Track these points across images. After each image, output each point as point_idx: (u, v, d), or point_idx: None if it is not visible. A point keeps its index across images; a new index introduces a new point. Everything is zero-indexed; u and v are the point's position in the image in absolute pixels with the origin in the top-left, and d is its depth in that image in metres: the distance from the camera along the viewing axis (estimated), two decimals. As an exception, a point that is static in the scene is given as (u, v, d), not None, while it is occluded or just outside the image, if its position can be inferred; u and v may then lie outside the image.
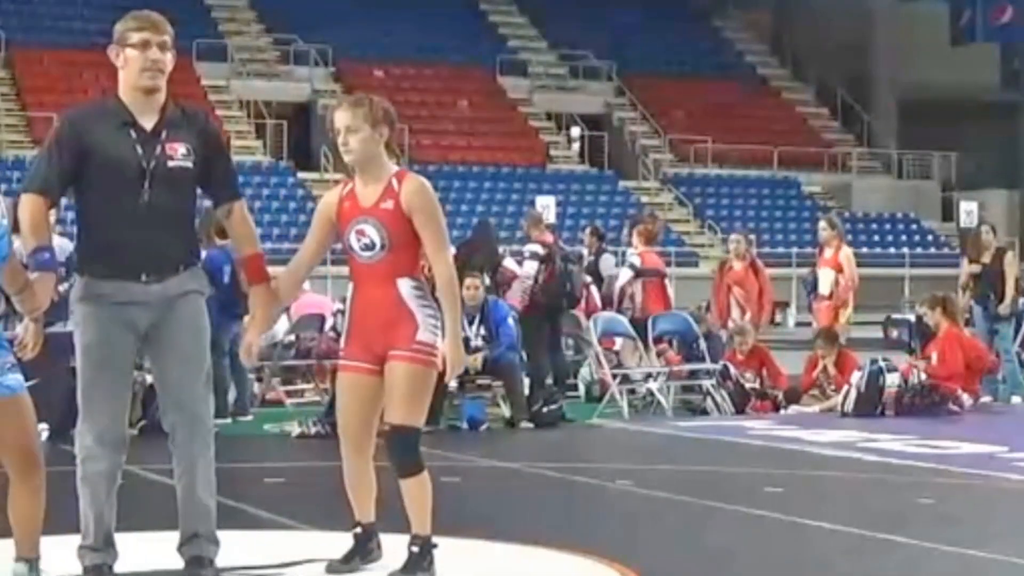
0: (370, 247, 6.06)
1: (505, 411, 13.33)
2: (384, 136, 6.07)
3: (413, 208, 6.03)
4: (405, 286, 6.09)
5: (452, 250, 15.56)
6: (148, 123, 5.85)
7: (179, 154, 5.83)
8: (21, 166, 33.79)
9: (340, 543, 6.83)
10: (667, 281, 16.20)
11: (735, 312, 15.78)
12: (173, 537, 6.71)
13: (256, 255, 6.10)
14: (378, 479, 6.39)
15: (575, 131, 41.28)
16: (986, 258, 16.21)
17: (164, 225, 5.86)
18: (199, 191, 6.05)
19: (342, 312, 13.31)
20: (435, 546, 6.09)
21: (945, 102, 41.74)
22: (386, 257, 6.05)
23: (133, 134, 5.82)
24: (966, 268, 16.60)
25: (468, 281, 13.22)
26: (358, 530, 6.34)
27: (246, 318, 15.87)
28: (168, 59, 6.00)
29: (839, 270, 15.51)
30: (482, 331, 13.16)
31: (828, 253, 15.74)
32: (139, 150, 5.80)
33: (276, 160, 36.90)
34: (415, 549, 6.05)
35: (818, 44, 44.36)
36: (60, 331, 12.87)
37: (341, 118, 6.07)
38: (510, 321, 13.53)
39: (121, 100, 5.89)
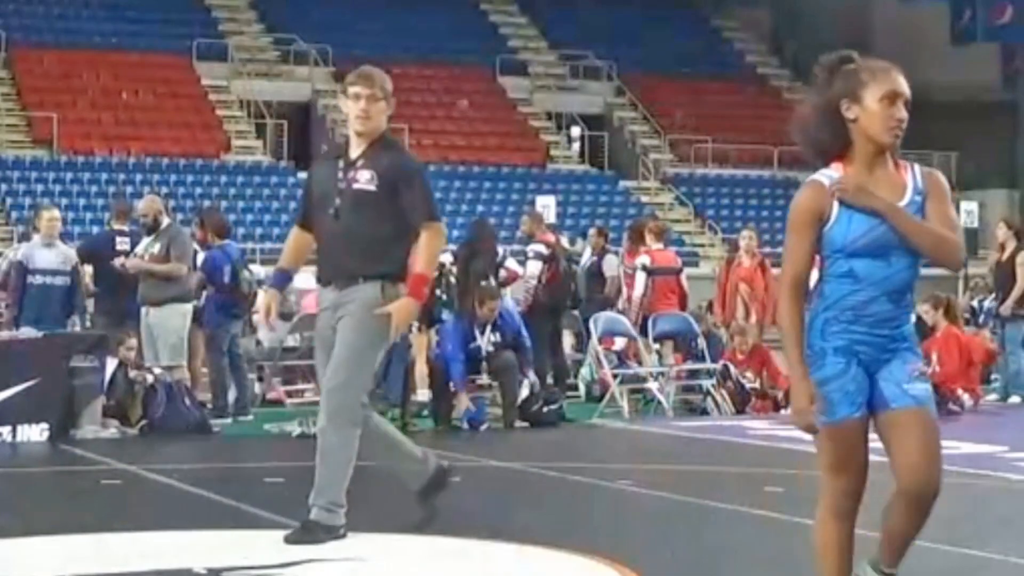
0: None
1: (506, 411, 13.34)
2: None
3: None
4: None
5: (450, 255, 15.56)
6: (354, 153, 7.01)
7: (363, 179, 6.89)
8: (21, 166, 33.79)
9: (340, 543, 6.83)
10: (682, 276, 16.07)
11: (739, 311, 15.78)
12: (172, 537, 6.71)
13: (418, 275, 6.93)
14: (370, 479, 6.38)
15: (575, 131, 41.25)
16: (1005, 255, 16.21)
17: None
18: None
19: None
20: None
21: (945, 102, 41.71)
22: None
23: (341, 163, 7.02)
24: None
25: (490, 304, 13.05)
26: None
27: (258, 316, 16.02)
28: (378, 108, 6.99)
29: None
30: (495, 338, 13.14)
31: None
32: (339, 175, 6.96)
33: (276, 160, 36.87)
34: None
35: (818, 44, 44.16)
36: (61, 332, 12.91)
37: None
38: (523, 331, 13.46)
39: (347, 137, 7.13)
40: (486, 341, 13.08)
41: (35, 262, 13.17)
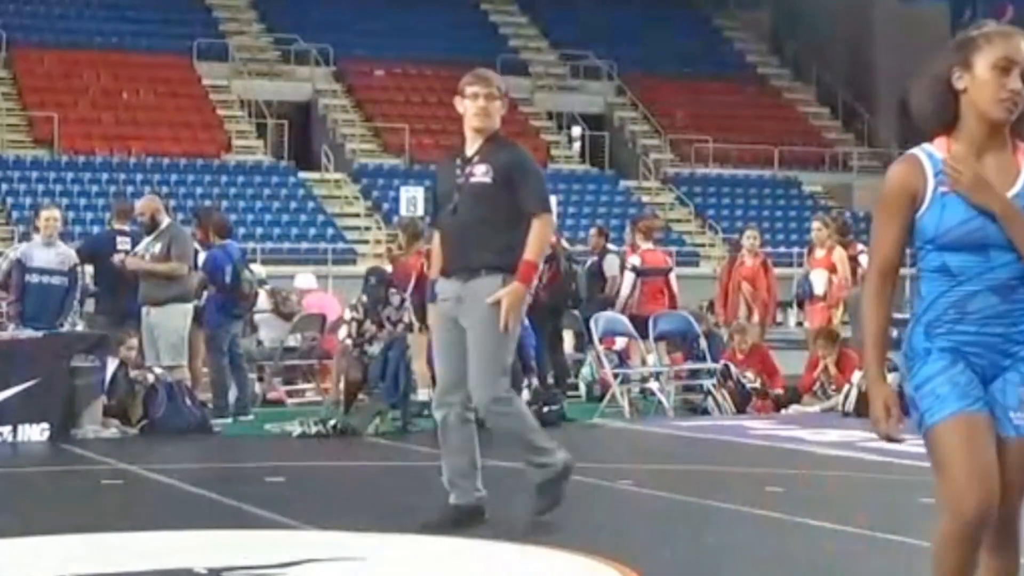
0: None
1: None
2: None
3: None
4: None
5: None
6: (470, 151, 7.43)
7: (479, 172, 7.29)
8: (21, 166, 33.81)
9: (340, 543, 6.83)
10: (672, 277, 16.09)
11: (741, 310, 15.78)
12: (172, 537, 6.70)
13: (526, 261, 7.19)
14: (371, 479, 6.38)
15: (576, 131, 41.26)
16: None
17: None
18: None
19: (357, 318, 13.20)
20: None
21: (946, 102, 41.65)
22: None
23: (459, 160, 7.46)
24: None
25: None
26: None
27: (258, 316, 16.00)
28: (495, 106, 7.42)
29: (832, 270, 15.51)
30: None
31: (820, 253, 15.73)
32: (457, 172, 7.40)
33: (277, 160, 36.89)
34: None
35: (818, 44, 44.33)
36: (61, 332, 12.90)
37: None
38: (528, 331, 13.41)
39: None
40: None
41: (33, 261, 13.16)
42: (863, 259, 15.89)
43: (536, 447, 7.53)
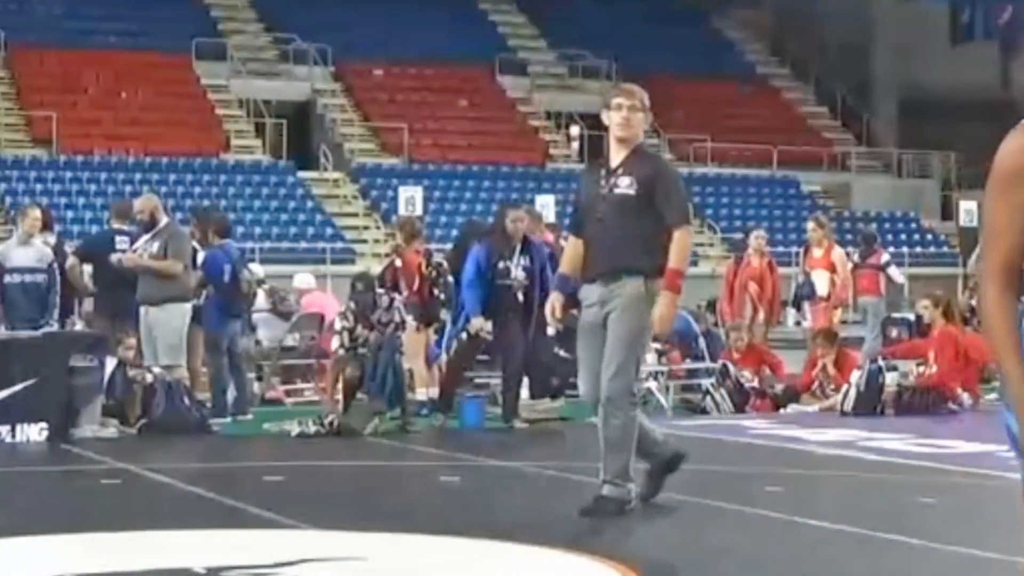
0: None
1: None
2: None
3: None
4: None
5: (441, 259, 15.47)
6: (614, 162, 7.80)
7: (623, 185, 7.67)
8: (21, 166, 33.79)
9: (340, 543, 6.82)
10: None
11: (747, 309, 15.81)
12: (171, 536, 6.69)
13: (672, 270, 7.53)
14: (370, 479, 6.37)
15: (575, 130, 41.22)
16: None
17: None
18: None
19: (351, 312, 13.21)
20: None
21: (945, 102, 41.69)
22: None
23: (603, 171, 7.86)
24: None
25: (514, 214, 13.20)
26: None
27: (257, 315, 15.97)
28: (638, 118, 7.82)
29: (832, 270, 15.52)
30: (523, 262, 13.05)
31: (817, 253, 15.73)
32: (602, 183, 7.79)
33: (275, 159, 36.87)
34: None
35: (818, 44, 44.30)
36: (60, 332, 12.89)
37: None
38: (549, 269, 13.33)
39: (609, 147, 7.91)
40: (515, 263, 12.97)
41: (11, 261, 13.12)
42: (892, 270, 15.94)
43: (626, 468, 7.80)
